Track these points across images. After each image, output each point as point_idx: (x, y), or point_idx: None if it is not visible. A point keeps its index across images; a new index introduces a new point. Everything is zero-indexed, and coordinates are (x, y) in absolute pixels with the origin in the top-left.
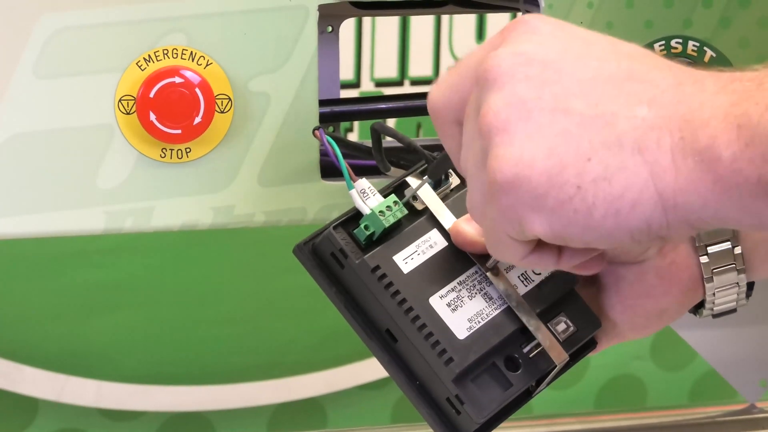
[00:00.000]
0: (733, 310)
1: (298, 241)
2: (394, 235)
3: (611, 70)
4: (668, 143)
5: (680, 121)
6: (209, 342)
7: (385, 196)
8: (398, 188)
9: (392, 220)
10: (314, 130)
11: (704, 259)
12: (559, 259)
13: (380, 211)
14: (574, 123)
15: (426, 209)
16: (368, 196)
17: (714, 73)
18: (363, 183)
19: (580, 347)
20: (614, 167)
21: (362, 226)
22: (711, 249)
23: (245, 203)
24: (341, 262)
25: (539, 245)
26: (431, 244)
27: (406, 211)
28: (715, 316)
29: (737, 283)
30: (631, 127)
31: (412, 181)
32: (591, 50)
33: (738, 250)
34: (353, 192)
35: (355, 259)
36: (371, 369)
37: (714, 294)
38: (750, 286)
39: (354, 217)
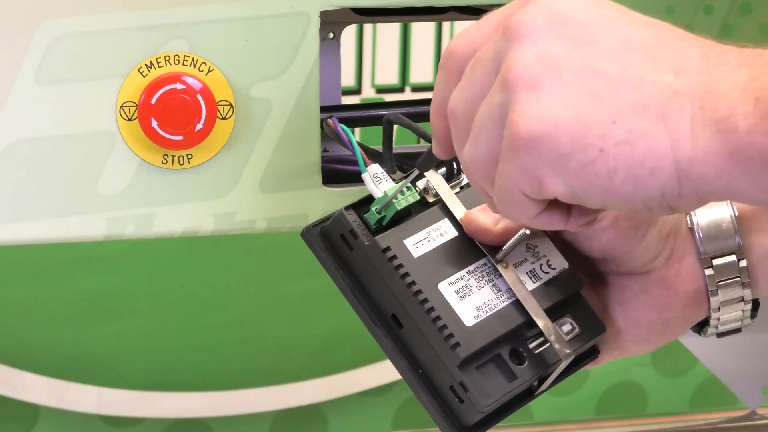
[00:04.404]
0: (737, 330)
1: (307, 225)
2: (404, 221)
3: (643, 36)
4: (689, 112)
5: (702, 90)
6: (210, 348)
7: (396, 183)
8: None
9: (404, 204)
10: (327, 119)
11: (709, 272)
12: (569, 219)
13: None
14: (603, 85)
15: (437, 200)
16: (381, 181)
17: (737, 48)
18: (376, 168)
19: (582, 354)
20: (638, 132)
21: (374, 209)
22: (716, 261)
23: (247, 209)
24: (350, 244)
25: (550, 204)
26: (442, 232)
27: (418, 197)
28: (719, 335)
29: (742, 297)
30: (657, 92)
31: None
32: (623, 16)
33: (743, 263)
34: (366, 175)
35: (365, 240)
36: (372, 376)
37: (719, 309)
38: (755, 306)
39: (364, 202)
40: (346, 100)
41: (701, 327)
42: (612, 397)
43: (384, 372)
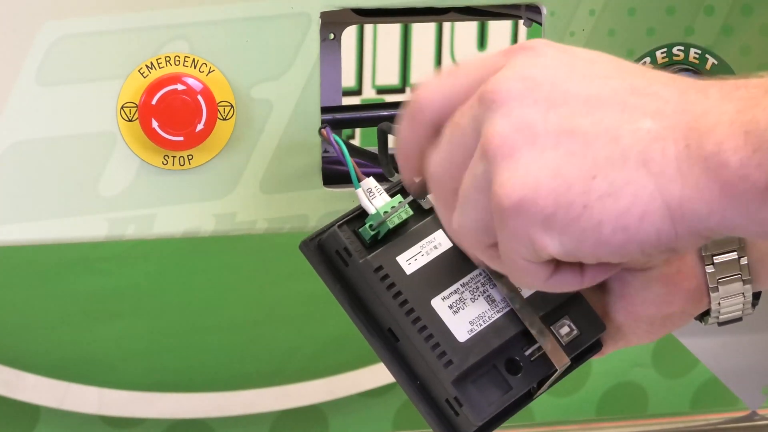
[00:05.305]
0: (738, 319)
1: (305, 237)
2: (399, 234)
3: (615, 86)
4: (673, 152)
5: (685, 129)
6: (211, 349)
7: (391, 196)
8: (404, 188)
9: (397, 221)
10: (321, 128)
11: (710, 269)
12: (583, 277)
13: (385, 212)
14: (579, 143)
15: (432, 208)
16: (374, 196)
17: (718, 82)
18: (370, 182)
19: (584, 350)
20: (619, 182)
21: (367, 225)
22: (717, 259)
23: (247, 210)
24: (345, 260)
25: (559, 266)
26: (436, 245)
27: (411, 212)
28: (720, 323)
29: (743, 293)
30: (635, 140)
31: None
32: (595, 69)
33: (744, 260)
34: (359, 191)
35: (358, 259)
36: (373, 376)
37: (719, 303)
38: (756, 296)
39: (360, 215)
40: (347, 100)
41: (702, 317)
42: (612, 398)
43: (385, 373)
